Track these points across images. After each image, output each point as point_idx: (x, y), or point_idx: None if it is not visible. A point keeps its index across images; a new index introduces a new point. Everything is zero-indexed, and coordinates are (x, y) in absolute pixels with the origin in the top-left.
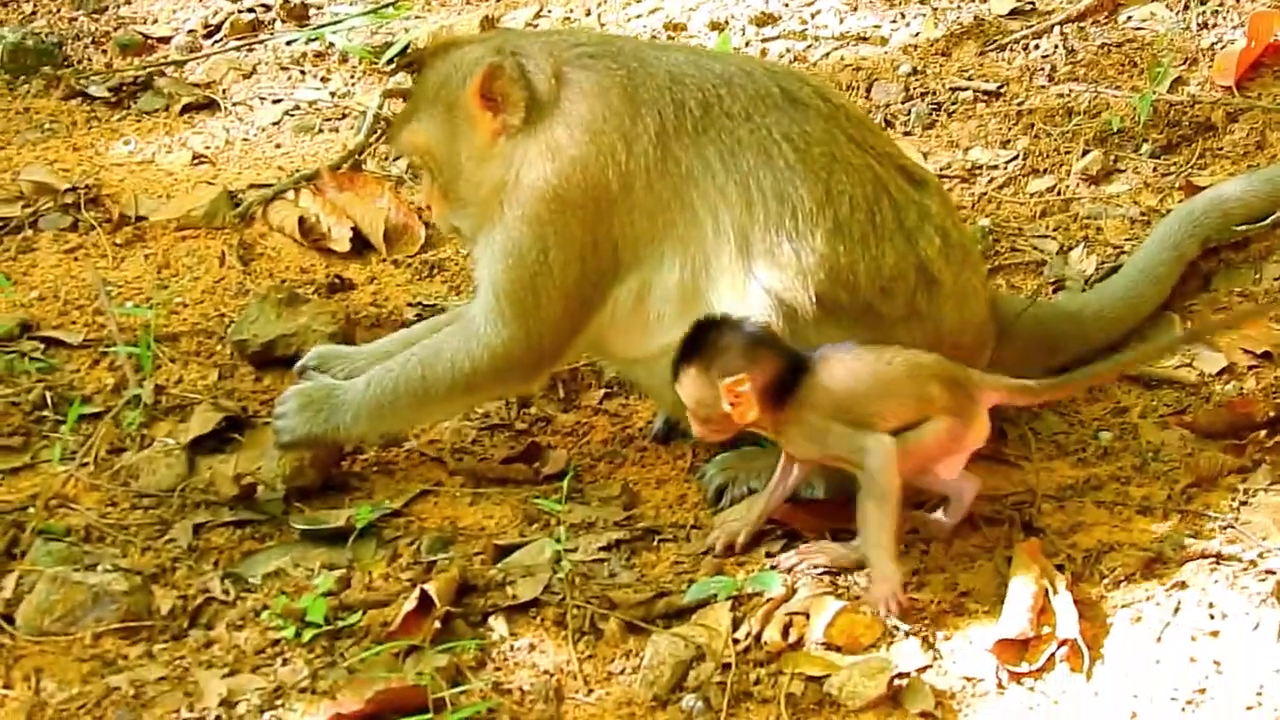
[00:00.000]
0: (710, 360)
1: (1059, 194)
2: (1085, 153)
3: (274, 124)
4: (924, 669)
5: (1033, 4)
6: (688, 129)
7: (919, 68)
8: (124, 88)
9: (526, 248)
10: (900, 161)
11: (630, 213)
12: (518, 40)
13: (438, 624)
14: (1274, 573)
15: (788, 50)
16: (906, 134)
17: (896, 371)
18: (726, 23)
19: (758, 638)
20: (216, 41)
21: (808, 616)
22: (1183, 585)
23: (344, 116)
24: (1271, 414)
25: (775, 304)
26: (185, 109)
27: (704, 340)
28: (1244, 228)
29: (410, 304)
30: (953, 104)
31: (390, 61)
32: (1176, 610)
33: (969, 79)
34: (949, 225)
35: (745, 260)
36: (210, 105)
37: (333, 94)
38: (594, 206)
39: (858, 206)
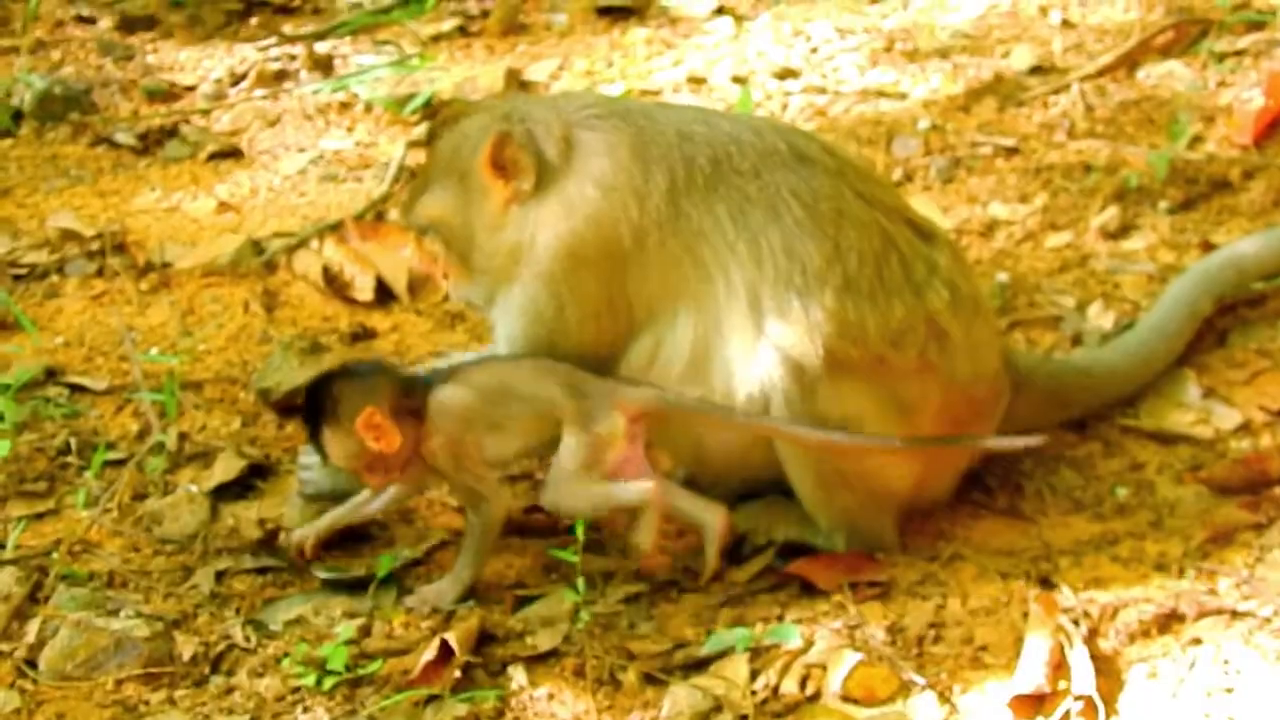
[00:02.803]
0: (334, 413)
1: (1077, 250)
2: (1103, 209)
3: (299, 173)
4: None
5: (1052, 61)
6: (698, 185)
7: (938, 123)
8: (150, 135)
9: (543, 305)
10: (908, 215)
11: (644, 269)
12: (525, 106)
13: (457, 673)
14: None
15: (808, 104)
16: (925, 189)
17: (522, 373)
18: (748, 77)
19: (775, 689)
20: (242, 90)
21: (825, 669)
22: (1198, 641)
23: (368, 166)
24: None
25: (784, 360)
26: (211, 157)
27: (318, 401)
28: (1261, 285)
29: (433, 353)
30: (972, 159)
31: (415, 112)
32: (1192, 666)
33: (988, 134)
34: (957, 278)
35: (756, 317)
36: (235, 154)
37: (357, 144)
38: (608, 263)
39: (865, 261)
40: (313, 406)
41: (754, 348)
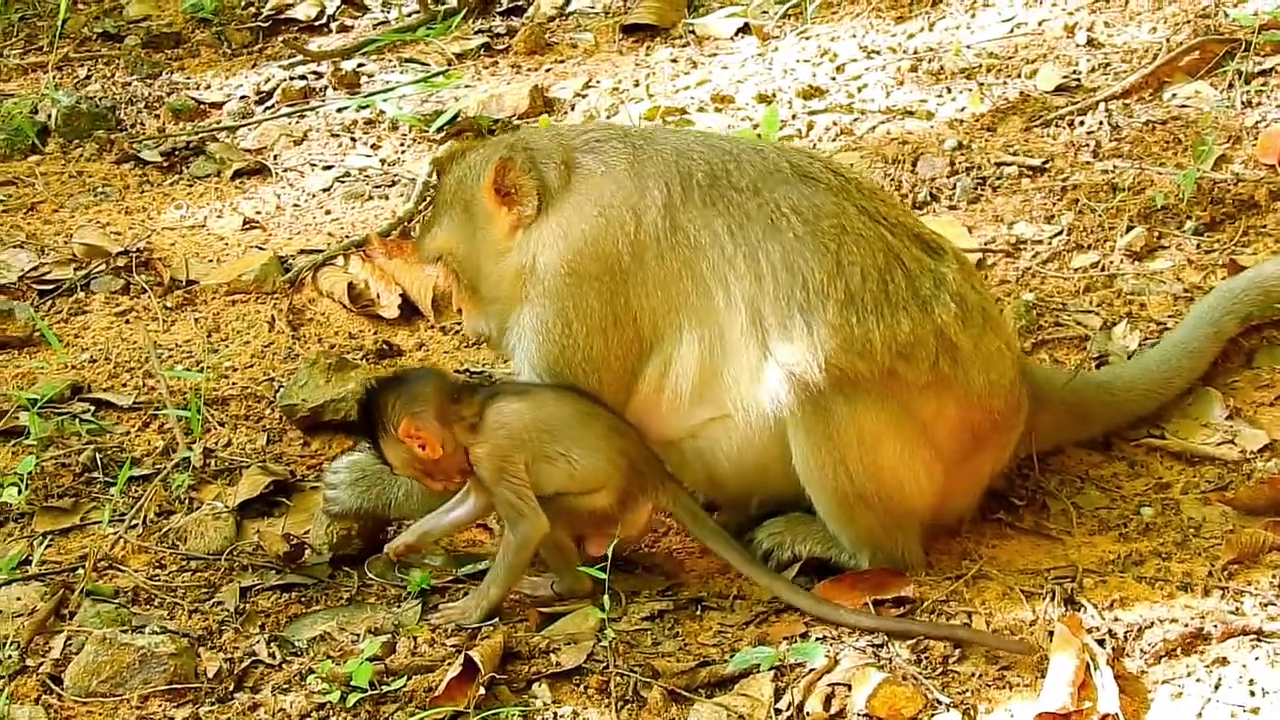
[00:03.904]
0: (380, 422)
1: (1103, 269)
2: (1129, 229)
3: (324, 190)
4: None
5: (1078, 81)
6: (695, 200)
7: (965, 142)
8: (176, 152)
9: (551, 323)
10: (916, 231)
11: (644, 284)
12: (528, 136)
13: (482, 690)
14: None
15: (834, 124)
16: (951, 208)
17: (595, 423)
18: (774, 96)
19: (800, 708)
20: (268, 108)
21: (850, 688)
22: (1223, 661)
23: (394, 184)
24: None
25: (789, 378)
26: (237, 174)
27: (367, 414)
28: None
29: (458, 370)
30: (998, 179)
31: (440, 130)
32: (1217, 686)
33: (1014, 154)
34: (966, 291)
35: (758, 333)
36: (261, 171)
37: (383, 161)
38: (609, 278)
39: (869, 276)
40: (365, 416)
41: (759, 366)
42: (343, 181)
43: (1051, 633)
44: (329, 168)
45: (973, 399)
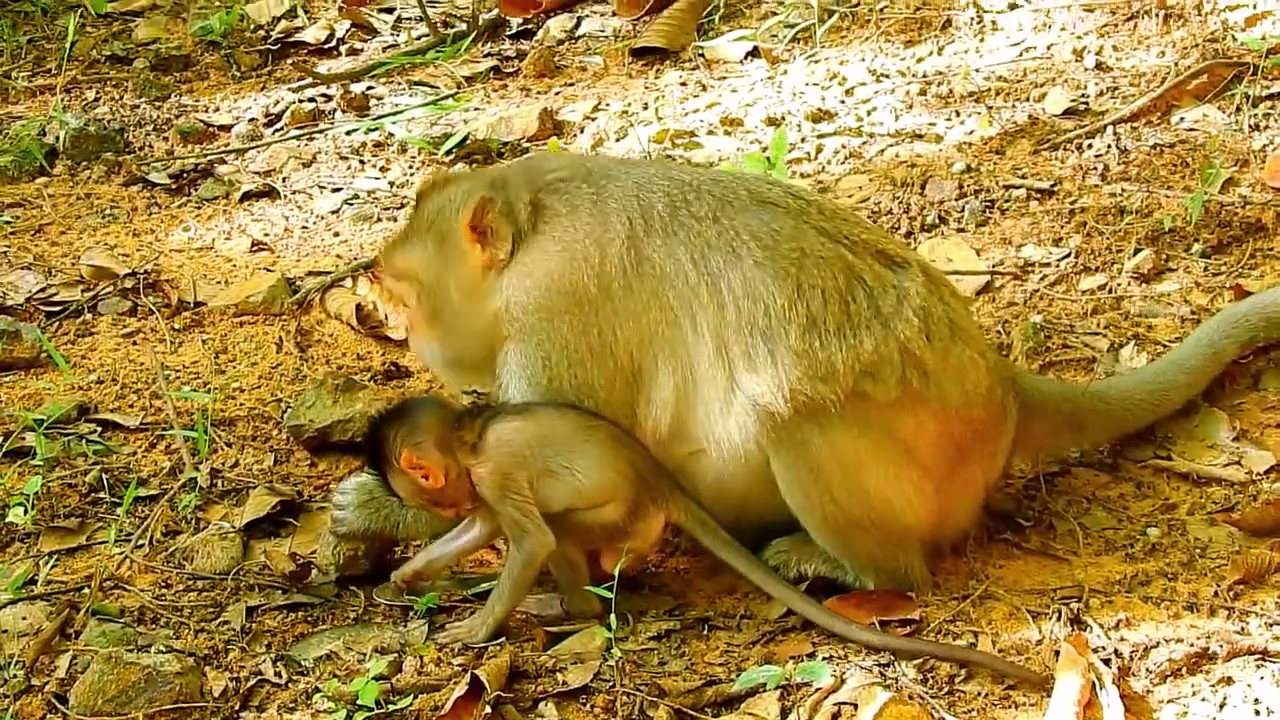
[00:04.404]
0: (384, 459)
1: (1110, 292)
2: (1137, 251)
3: (333, 212)
4: None
5: (1086, 104)
6: (657, 230)
7: (973, 165)
8: (185, 175)
9: (531, 358)
10: (880, 247)
11: (615, 315)
12: (506, 175)
13: (488, 709)
14: None
15: (843, 147)
16: (960, 230)
17: (597, 434)
18: (783, 119)
19: None
20: (277, 130)
21: (857, 707)
22: (1229, 681)
23: (402, 206)
24: None
25: (755, 409)
26: (245, 196)
27: (371, 449)
28: None
29: (465, 391)
30: (1006, 202)
31: (449, 152)
32: (1222, 706)
33: (1022, 177)
34: (932, 304)
35: (724, 363)
36: (270, 193)
37: (391, 183)
38: (579, 310)
39: (830, 298)
40: (370, 451)
41: (728, 398)
42: (351, 204)
43: (1058, 652)
44: (338, 190)
45: (950, 411)
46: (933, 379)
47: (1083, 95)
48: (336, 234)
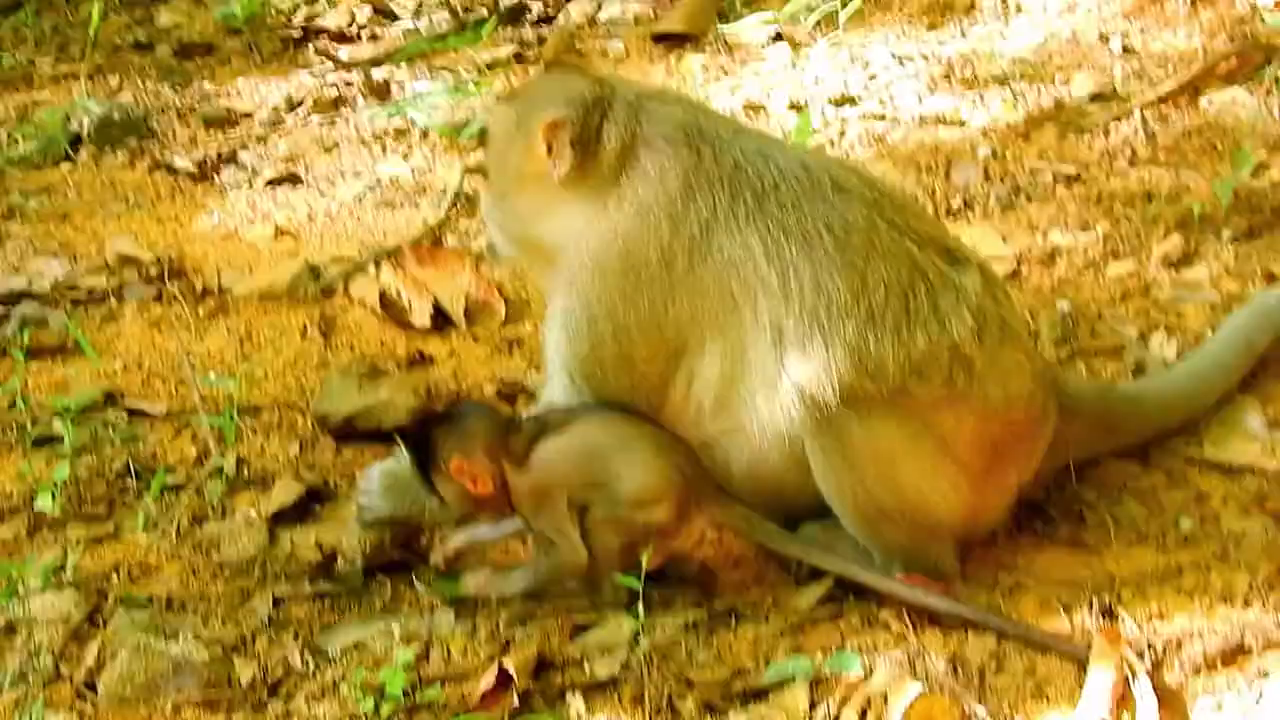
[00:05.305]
0: (431, 462)
1: (1139, 278)
2: (1165, 237)
3: (356, 199)
4: None
5: (1113, 88)
6: (737, 218)
7: (998, 150)
8: (208, 161)
9: (578, 317)
10: (943, 243)
11: (670, 290)
12: (616, 102)
13: (516, 699)
14: None
15: (866, 131)
16: (985, 216)
17: (643, 440)
18: (806, 103)
19: (836, 719)
20: (299, 116)
21: (886, 699)
22: (1264, 674)
23: (425, 192)
24: None
25: (802, 396)
26: (268, 183)
27: (417, 450)
28: None
29: (490, 379)
30: (1032, 187)
31: (471, 138)
32: (1259, 700)
33: (1048, 162)
34: (986, 303)
35: (778, 351)
36: (293, 179)
37: (414, 170)
38: (634, 278)
39: (893, 293)
40: (416, 452)
41: (775, 384)
42: (374, 190)
43: (1089, 645)
44: (360, 176)
45: (990, 412)
46: (977, 379)
47: (1109, 79)
48: (360, 220)
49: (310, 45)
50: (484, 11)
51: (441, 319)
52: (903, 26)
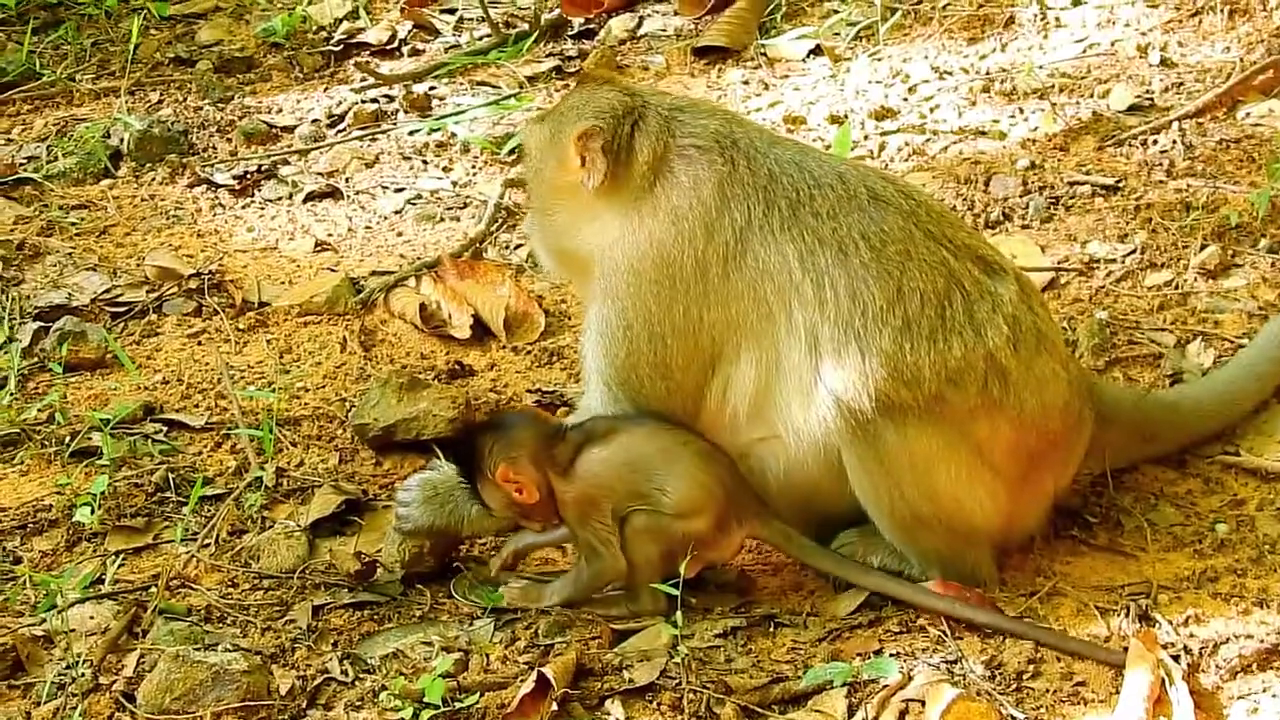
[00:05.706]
0: (478, 466)
1: (1176, 288)
2: (1203, 247)
3: (396, 212)
4: None
5: (1151, 100)
6: (773, 226)
7: (1037, 162)
8: (248, 175)
9: (614, 324)
10: (980, 252)
11: (705, 297)
12: (649, 113)
13: (554, 707)
14: None
15: (906, 144)
16: (1024, 227)
17: (687, 451)
18: (846, 116)
19: None
20: (340, 131)
21: (924, 704)
22: None
23: (465, 205)
24: None
25: (837, 404)
26: (308, 197)
27: (464, 457)
28: None
29: (529, 390)
30: (1071, 198)
31: (511, 152)
32: None
33: (1087, 174)
34: (1022, 312)
35: (813, 359)
36: (333, 193)
37: (454, 183)
38: (669, 284)
39: (929, 302)
40: (462, 459)
41: (810, 391)
42: (414, 203)
43: (1126, 649)
44: (400, 190)
45: (1026, 421)
46: (1013, 388)
47: (1147, 91)
48: (400, 234)
49: (351, 60)
50: (525, 26)
51: (481, 331)
52: (943, 40)
